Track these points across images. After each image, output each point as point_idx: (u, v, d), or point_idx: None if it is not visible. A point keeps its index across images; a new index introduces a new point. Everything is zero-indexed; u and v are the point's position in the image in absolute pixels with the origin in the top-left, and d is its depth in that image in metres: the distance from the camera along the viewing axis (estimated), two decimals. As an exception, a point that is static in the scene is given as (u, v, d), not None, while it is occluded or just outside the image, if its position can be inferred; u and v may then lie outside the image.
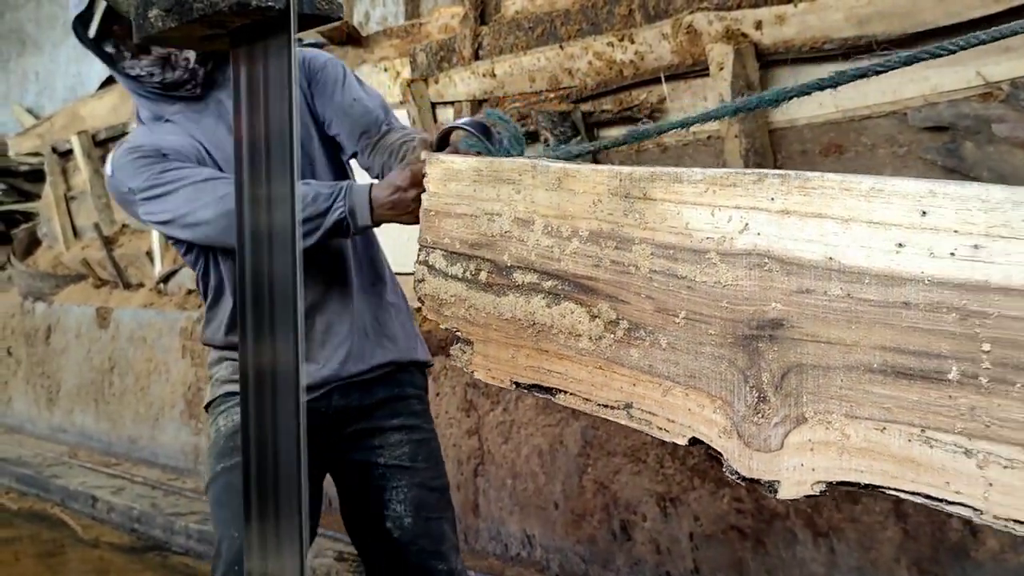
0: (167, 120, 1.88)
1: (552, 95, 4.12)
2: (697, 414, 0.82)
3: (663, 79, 3.46)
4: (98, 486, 4.67)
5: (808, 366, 0.76)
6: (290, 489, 1.05)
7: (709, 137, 3.57)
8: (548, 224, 0.92)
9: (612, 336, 0.87)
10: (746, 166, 3.61)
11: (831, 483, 0.74)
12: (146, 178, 1.79)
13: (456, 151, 1.56)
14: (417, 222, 1.10)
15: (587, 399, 0.90)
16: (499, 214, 0.96)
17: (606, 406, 0.89)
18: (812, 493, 0.75)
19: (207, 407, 2.04)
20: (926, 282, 0.70)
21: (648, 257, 0.85)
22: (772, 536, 3.05)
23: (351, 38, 4.66)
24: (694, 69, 3.47)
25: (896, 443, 0.71)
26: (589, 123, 3.45)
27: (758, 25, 3.49)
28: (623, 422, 0.87)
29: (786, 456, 0.77)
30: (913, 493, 0.71)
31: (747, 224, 0.79)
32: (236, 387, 1.88)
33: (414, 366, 2.03)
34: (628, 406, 0.87)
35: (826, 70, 3.56)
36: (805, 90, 0.94)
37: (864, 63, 1.14)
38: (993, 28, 0.87)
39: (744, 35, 3.47)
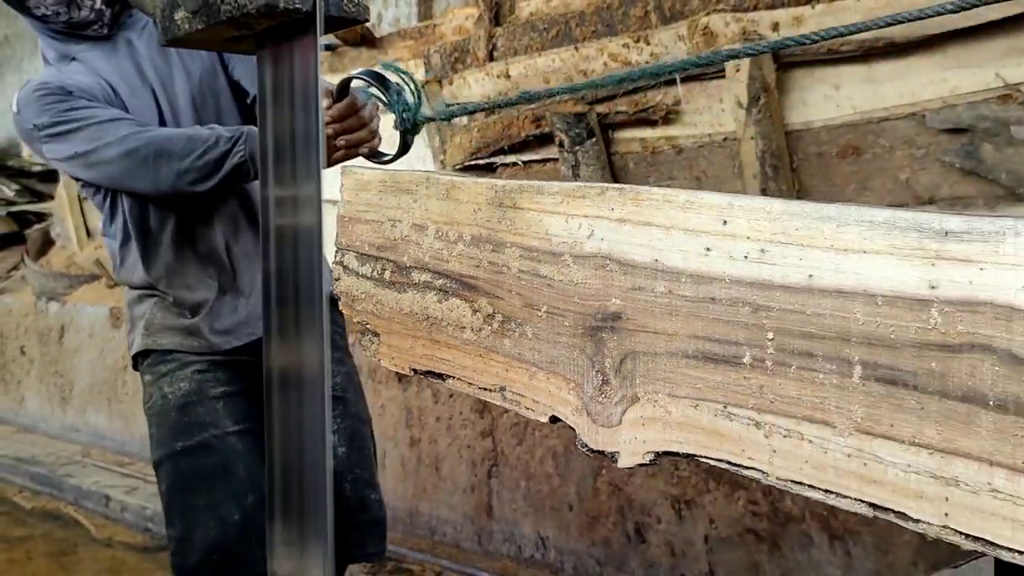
0: (73, 59, 1.93)
1: (567, 97, 4.16)
2: (556, 395, 0.94)
3: (678, 81, 3.52)
4: (111, 485, 4.75)
5: (640, 353, 0.87)
6: (317, 492, 1.06)
7: (725, 139, 3.63)
8: (439, 229, 1.04)
9: (489, 328, 0.99)
10: (762, 168, 3.66)
11: (658, 453, 0.85)
12: (51, 116, 1.84)
13: (355, 100, 1.64)
14: None
15: (470, 383, 1.02)
16: (400, 220, 1.09)
17: (485, 389, 1.01)
18: (643, 462, 0.86)
19: (137, 357, 2.05)
20: (727, 281, 0.81)
21: (517, 259, 0.96)
22: (787, 539, 3.10)
23: (365, 39, 4.72)
24: (710, 71, 3.53)
25: (706, 418, 0.82)
26: (604, 124, 3.51)
27: (775, 27, 3.55)
28: (499, 403, 0.99)
29: (624, 431, 0.88)
30: (718, 460, 0.82)
31: (593, 231, 0.90)
32: (172, 340, 1.94)
33: (331, 303, 2.12)
34: (502, 389, 0.99)
35: (843, 72, 3.62)
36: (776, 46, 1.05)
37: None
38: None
39: (761, 36, 3.52)
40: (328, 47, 4.66)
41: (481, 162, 3.82)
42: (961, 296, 0.69)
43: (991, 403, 0.68)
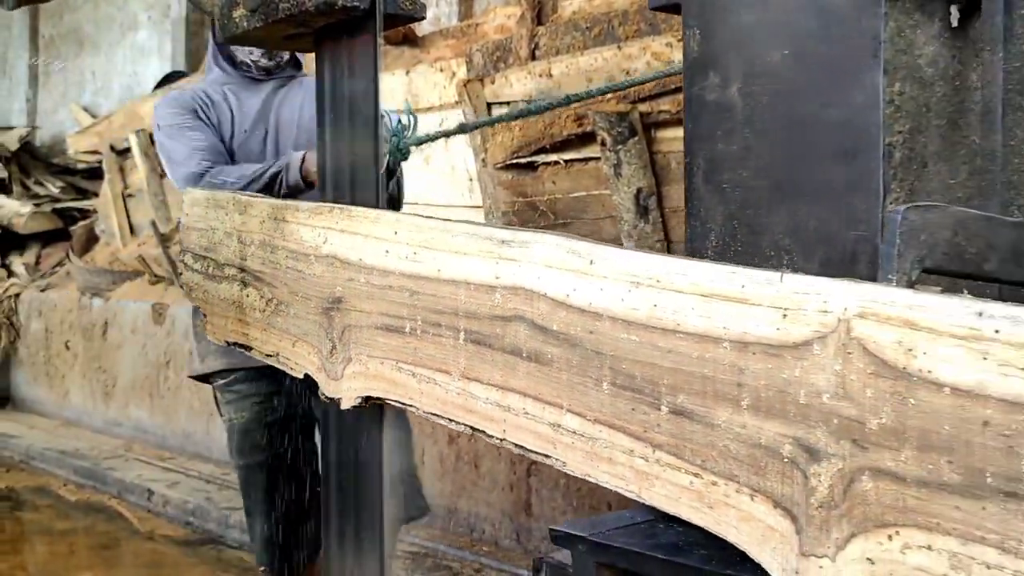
0: (225, 85, 2.30)
1: (610, 95, 4.24)
2: (306, 358, 1.32)
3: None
4: (154, 479, 4.88)
5: (353, 326, 1.24)
6: (372, 514, 1.32)
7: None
8: (241, 236, 1.42)
9: (270, 309, 1.37)
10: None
11: (363, 397, 1.22)
12: (164, 122, 2.25)
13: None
14: None
15: (259, 351, 1.41)
16: (217, 229, 1.47)
17: (268, 355, 1.39)
18: (355, 404, 1.23)
19: (210, 377, 2.32)
20: (397, 274, 1.18)
21: (285, 258, 1.34)
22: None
23: (407, 38, 4.86)
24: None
25: (388, 371, 1.20)
26: (647, 123, 3.53)
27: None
28: (277, 365, 1.38)
29: (344, 382, 1.25)
30: (396, 401, 1.19)
31: (327, 239, 1.28)
32: (232, 360, 2.19)
33: None
34: (277, 355, 1.38)
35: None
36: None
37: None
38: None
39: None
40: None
41: (523, 160, 3.90)
42: (510, 284, 1.05)
43: (524, 355, 1.04)
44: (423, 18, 1.38)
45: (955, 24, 1.18)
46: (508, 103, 4.99)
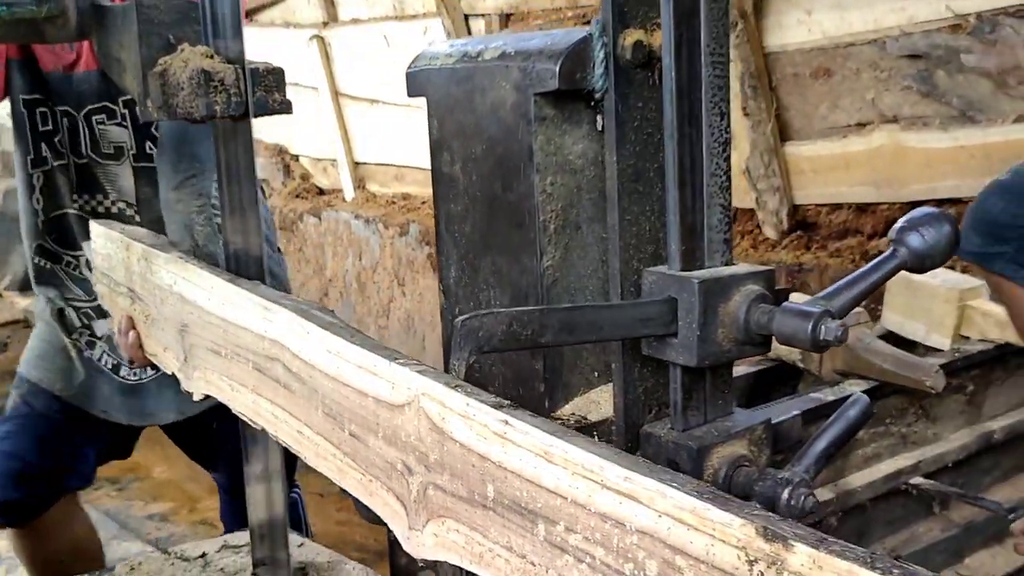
0: None
1: (570, 13, 4.59)
2: (172, 363, 1.93)
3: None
4: None
5: (195, 345, 1.82)
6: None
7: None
8: (127, 266, 2.00)
9: (149, 322, 1.96)
10: (742, 88, 4.27)
11: (205, 395, 1.82)
12: None
13: None
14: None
15: (147, 349, 2.01)
16: (112, 256, 2.06)
17: (152, 354, 2.00)
18: (200, 398, 1.83)
19: None
20: (215, 315, 1.75)
21: (154, 288, 1.92)
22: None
23: None
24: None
25: (217, 380, 1.78)
26: None
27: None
28: (157, 363, 1.98)
29: (193, 383, 1.85)
30: (229, 404, 1.78)
31: (176, 281, 1.85)
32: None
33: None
34: (156, 355, 1.98)
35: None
36: None
37: None
38: None
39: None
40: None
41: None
42: (271, 337, 1.62)
43: (282, 384, 1.61)
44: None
45: (600, 128, 1.68)
46: (483, 15, 5.42)
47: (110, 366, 2.77)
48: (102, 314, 2.61)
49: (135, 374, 2.78)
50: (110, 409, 2.82)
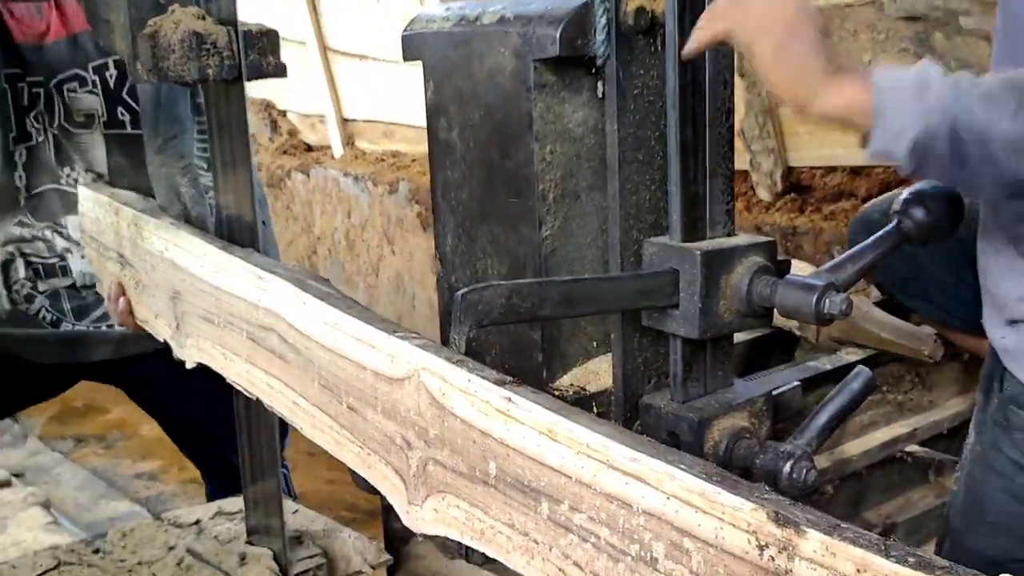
0: None
1: None
2: (163, 329, 1.91)
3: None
4: None
5: (187, 313, 1.80)
6: None
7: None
8: (117, 231, 1.97)
9: (139, 289, 1.94)
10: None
11: (198, 363, 1.80)
12: None
13: None
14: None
15: (137, 315, 1.99)
16: (102, 220, 2.04)
17: (142, 320, 1.98)
18: (192, 364, 1.81)
19: None
20: (207, 282, 1.72)
21: (144, 255, 1.90)
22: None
23: None
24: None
25: (210, 348, 1.76)
26: None
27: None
28: (148, 329, 1.96)
29: (186, 351, 1.83)
30: (222, 373, 1.76)
31: (167, 247, 1.82)
32: None
33: None
34: (147, 322, 1.96)
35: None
36: None
37: None
38: None
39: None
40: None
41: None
42: (266, 306, 1.59)
43: (277, 354, 1.59)
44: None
45: (601, 95, 1.65)
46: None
47: (49, 321, 2.62)
48: (52, 273, 2.52)
49: (74, 325, 2.65)
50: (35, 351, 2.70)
